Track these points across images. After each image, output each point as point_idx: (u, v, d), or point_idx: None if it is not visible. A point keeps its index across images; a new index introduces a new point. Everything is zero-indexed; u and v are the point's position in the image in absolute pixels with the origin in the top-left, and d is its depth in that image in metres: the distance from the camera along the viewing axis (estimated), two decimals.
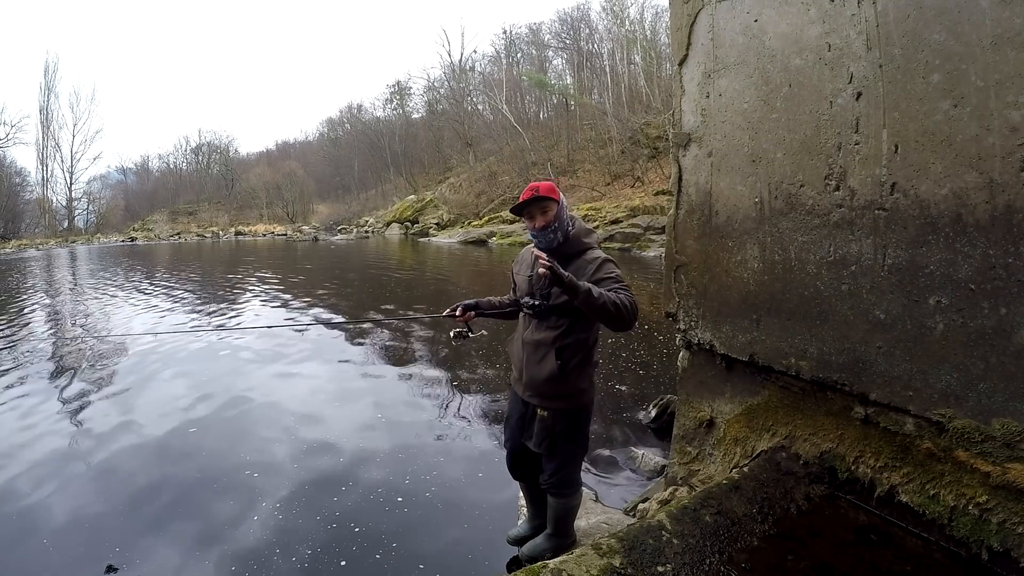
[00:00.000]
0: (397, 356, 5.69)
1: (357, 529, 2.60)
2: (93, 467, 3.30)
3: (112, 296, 10.74)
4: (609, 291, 1.82)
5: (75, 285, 13.03)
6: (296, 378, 4.99)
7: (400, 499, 2.87)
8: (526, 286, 2.07)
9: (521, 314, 2.12)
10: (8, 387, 4.89)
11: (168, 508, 2.82)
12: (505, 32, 49.33)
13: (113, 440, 3.68)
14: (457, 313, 2.17)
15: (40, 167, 44.40)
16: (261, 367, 5.31)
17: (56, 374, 5.29)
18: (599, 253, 1.99)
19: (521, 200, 1.97)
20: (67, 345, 6.63)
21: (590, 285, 1.77)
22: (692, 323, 2.21)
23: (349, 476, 3.12)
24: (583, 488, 2.31)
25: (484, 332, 2.48)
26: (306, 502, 2.85)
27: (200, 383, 4.82)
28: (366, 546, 2.48)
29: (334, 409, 4.18)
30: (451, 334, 2.26)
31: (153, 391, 4.65)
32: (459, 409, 4.17)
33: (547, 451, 2.07)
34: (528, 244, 2.19)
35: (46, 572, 2.35)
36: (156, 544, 2.51)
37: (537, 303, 1.99)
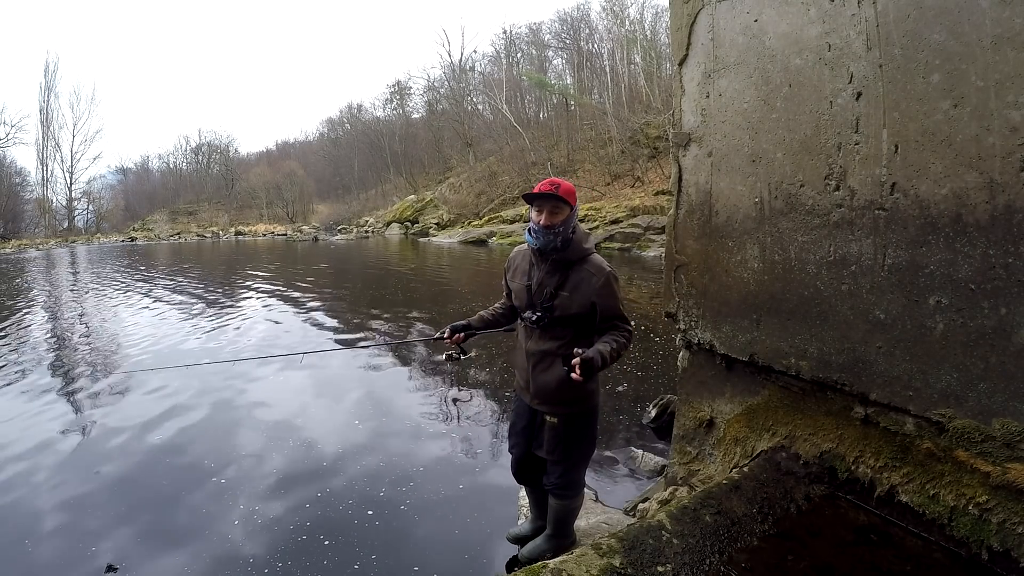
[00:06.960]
0: (387, 361, 5.61)
1: (327, 542, 2.51)
2: (76, 469, 3.28)
3: (112, 296, 10.74)
4: (611, 330, 1.90)
5: (75, 285, 13.03)
6: (280, 382, 4.93)
7: (380, 506, 2.79)
8: (525, 297, 2.00)
9: (522, 323, 2.06)
10: None
11: (129, 518, 2.73)
12: (505, 32, 49.27)
13: (96, 442, 3.67)
14: (446, 335, 2.14)
15: (40, 167, 44.40)
16: (247, 369, 5.23)
17: (48, 376, 5.27)
18: (600, 263, 1.94)
19: (537, 190, 1.88)
20: (61, 347, 6.62)
21: (604, 354, 1.80)
22: (692, 323, 2.21)
23: (331, 481, 3.06)
24: (584, 488, 2.31)
25: (473, 354, 2.46)
26: (288, 508, 2.79)
27: (185, 385, 4.77)
28: (343, 558, 2.40)
29: (318, 415, 4.12)
30: (443, 357, 2.26)
31: (139, 395, 4.62)
32: (452, 411, 4.15)
33: (558, 457, 2.05)
34: (521, 244, 2.13)
35: (44, 572, 2.35)
36: (104, 557, 2.43)
37: (540, 315, 1.94)
